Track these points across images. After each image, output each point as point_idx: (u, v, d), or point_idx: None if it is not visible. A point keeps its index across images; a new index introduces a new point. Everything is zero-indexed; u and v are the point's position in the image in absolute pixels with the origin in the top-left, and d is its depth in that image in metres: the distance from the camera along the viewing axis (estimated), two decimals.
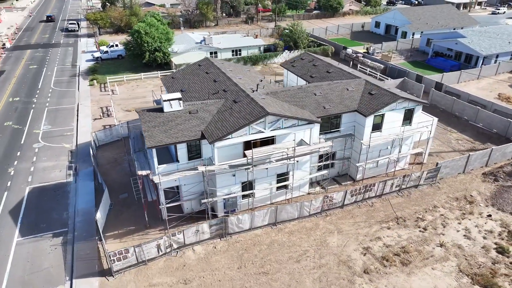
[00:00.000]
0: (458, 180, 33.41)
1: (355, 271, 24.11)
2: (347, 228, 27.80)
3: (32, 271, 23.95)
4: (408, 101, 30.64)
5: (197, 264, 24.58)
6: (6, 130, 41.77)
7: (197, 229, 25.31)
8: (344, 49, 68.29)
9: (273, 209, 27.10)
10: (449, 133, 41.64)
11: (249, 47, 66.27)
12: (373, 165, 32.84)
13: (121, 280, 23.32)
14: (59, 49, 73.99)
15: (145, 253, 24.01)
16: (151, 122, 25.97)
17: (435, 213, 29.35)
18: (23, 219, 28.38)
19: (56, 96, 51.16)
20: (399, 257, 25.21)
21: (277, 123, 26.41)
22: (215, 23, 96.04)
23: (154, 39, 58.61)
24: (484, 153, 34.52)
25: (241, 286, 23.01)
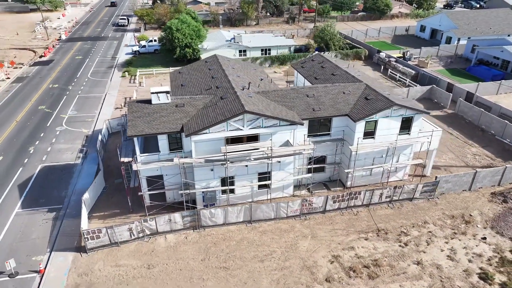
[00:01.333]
0: (461, 198, 31.03)
1: (316, 278, 23.58)
2: (322, 234, 27.16)
3: (21, 240, 26.49)
4: (406, 108, 29.05)
5: (165, 251, 25.56)
6: (38, 113, 46.04)
7: (169, 218, 26.29)
8: (378, 52, 65.72)
9: (247, 206, 27.28)
10: (468, 147, 38.63)
11: (278, 47, 66.26)
12: (366, 173, 31.63)
13: (93, 258, 24.99)
14: (105, 42, 79.53)
15: (118, 235, 25.47)
16: (137, 113, 27.39)
17: (423, 229, 27.61)
18: (28, 193, 31.34)
19: (89, 85, 55.25)
20: (368, 269, 24.18)
21: (256, 121, 26.53)
22: (256, 22, 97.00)
23: (185, 36, 60.85)
24: (496, 171, 31.68)
25: (198, 277, 23.59)
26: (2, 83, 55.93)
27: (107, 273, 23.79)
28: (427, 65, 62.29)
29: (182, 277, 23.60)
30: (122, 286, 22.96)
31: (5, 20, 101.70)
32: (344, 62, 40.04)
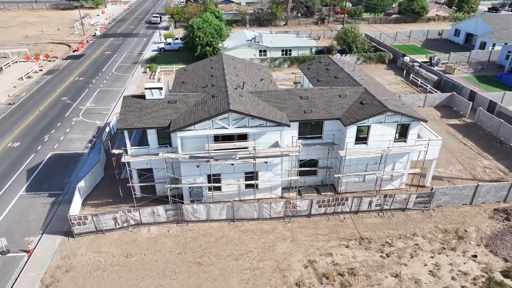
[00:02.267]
0: (459, 212, 29.40)
1: (287, 281, 23.37)
2: (303, 238, 26.82)
3: (18, 221, 28.41)
4: (401, 115, 27.95)
5: (145, 242, 26.39)
6: (60, 104, 48.89)
7: (152, 211, 27.10)
8: (403, 56, 63.35)
9: (229, 205, 27.51)
10: (480, 159, 36.43)
11: (299, 48, 65.77)
12: (359, 179, 30.79)
13: (78, 243, 26.31)
14: (135, 39, 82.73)
15: (103, 223, 26.63)
16: (130, 107, 28.44)
17: (410, 241, 26.48)
18: (34, 178, 33.47)
19: (111, 79, 57.81)
20: (342, 277, 23.62)
21: (242, 121, 26.67)
22: (284, 22, 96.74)
23: (206, 34, 61.98)
24: (501, 186, 29.69)
25: (171, 270, 24.15)
26: (34, 74, 59.90)
27: (88, 259, 24.97)
28: (454, 71, 59.26)
29: (156, 268, 24.27)
30: (99, 272, 24.02)
31: (51, 16, 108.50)
32: (351, 65, 39.07)
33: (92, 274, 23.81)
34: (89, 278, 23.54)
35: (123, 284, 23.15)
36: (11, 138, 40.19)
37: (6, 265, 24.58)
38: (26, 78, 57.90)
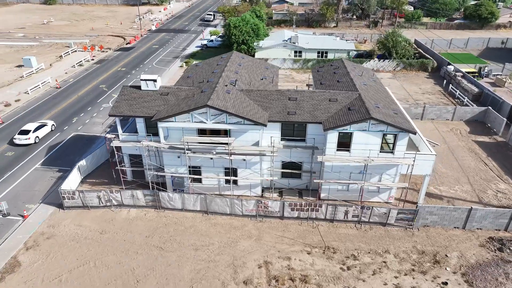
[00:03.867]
0: (447, 235, 27.03)
1: (236, 278, 23.63)
2: (268, 239, 26.73)
3: (25, 189, 32.13)
4: (386, 125, 26.41)
5: (122, 222, 28.33)
6: (97, 90, 53.60)
7: (132, 194, 28.95)
8: (448, 65, 58.67)
9: (202, 197, 28.36)
10: (496, 182, 32.90)
11: (336, 50, 64.10)
12: (342, 188, 29.71)
13: (66, 214, 29.10)
14: (184, 35, 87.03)
15: (89, 200, 29.12)
16: (125, 96, 30.58)
17: (378, 258, 25.06)
18: (51, 154, 37.42)
19: (149, 71, 61.69)
20: (292, 282, 23.24)
21: (220, 117, 27.31)
22: (335, 24, 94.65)
23: (242, 33, 63.29)
24: (500, 212, 26.69)
25: (134, 250, 25.70)
26: (86, 63, 66.17)
27: (68, 230, 27.56)
28: (504, 84, 53.59)
29: (122, 247, 26.02)
30: (73, 243, 26.41)
31: (118, 11, 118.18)
32: (363, 70, 37.45)
33: (66, 244, 26.29)
34: (62, 247, 26.02)
35: (89, 256, 25.23)
36: (46, 117, 45.15)
37: (3, 226, 28.10)
38: (78, 66, 64.25)
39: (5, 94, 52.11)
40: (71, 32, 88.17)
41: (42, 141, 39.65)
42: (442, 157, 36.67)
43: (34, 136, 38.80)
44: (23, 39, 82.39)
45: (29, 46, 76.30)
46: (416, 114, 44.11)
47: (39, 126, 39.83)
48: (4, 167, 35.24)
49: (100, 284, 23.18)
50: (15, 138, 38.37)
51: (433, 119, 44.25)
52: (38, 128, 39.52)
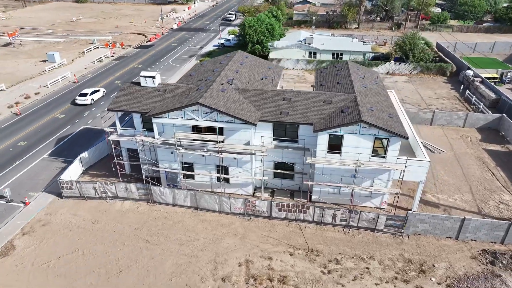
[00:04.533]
0: (438, 244, 26.14)
1: (215, 274, 23.88)
2: (253, 238, 26.80)
3: (30, 178, 33.72)
4: (377, 129, 25.84)
5: (114, 213, 29.22)
6: (112, 86, 55.32)
7: (126, 187, 29.79)
8: (467, 70, 56.46)
9: (192, 193, 28.80)
10: (500, 193, 31.47)
11: (352, 52, 63.05)
12: (334, 191, 29.33)
13: (63, 203, 30.34)
14: (204, 34, 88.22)
15: (85, 190, 30.23)
16: (125, 92, 31.49)
17: (361, 264, 24.60)
18: (59, 146, 39.04)
19: (165, 69, 63.08)
20: (270, 282, 23.23)
21: (211, 114, 27.64)
22: (356, 25, 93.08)
23: (256, 32, 63.50)
24: (495, 224, 25.54)
25: (122, 241, 26.47)
26: (106, 59, 68.42)
27: (63, 218, 28.73)
28: None
29: (111, 237, 26.86)
30: (66, 231, 27.52)
31: (145, 10, 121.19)
32: (364, 72, 36.72)
33: (60, 231, 27.43)
34: (56, 234, 27.18)
35: (78, 244, 26.22)
36: (60, 111, 47.15)
37: (5, 211, 29.64)
38: (98, 62, 66.55)
39: (27, 87, 54.78)
40: (96, 29, 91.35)
41: (52, 133, 41.39)
42: (446, 164, 35.44)
43: (90, 98, 48.45)
44: (51, 35, 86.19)
45: (55, 42, 79.78)
46: (425, 119, 42.81)
47: (94, 90, 49.80)
48: (15, 156, 37.12)
49: (85, 271, 24.05)
50: (76, 99, 48.27)
51: (443, 125, 42.77)
52: (93, 92, 49.28)
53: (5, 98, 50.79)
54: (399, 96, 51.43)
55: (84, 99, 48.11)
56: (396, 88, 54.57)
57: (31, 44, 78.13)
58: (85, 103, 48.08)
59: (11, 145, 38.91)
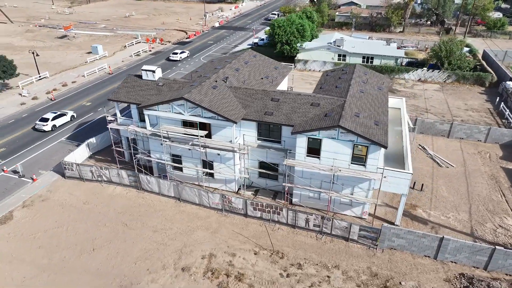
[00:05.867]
0: (413, 262, 24.65)
1: (177, 263, 24.70)
2: (224, 233, 27.23)
3: (45, 158, 37.01)
4: (356, 136, 24.91)
5: (105, 197, 31.22)
6: None
7: (118, 173, 31.67)
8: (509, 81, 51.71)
9: (175, 184, 29.86)
10: (504, 216, 28.76)
11: (383, 56, 60.58)
12: (314, 195, 28.76)
13: (65, 183, 33.00)
14: (242, 33, 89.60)
15: (83, 173, 32.63)
16: (128, 83, 33.40)
17: (324, 272, 23.96)
18: (77, 131, 42.29)
19: (194, 65, 65.14)
20: (226, 277, 23.56)
21: (196, 110, 28.46)
22: (401, 29, 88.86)
23: (286, 33, 63.34)
24: (476, 248, 23.51)
25: (103, 223, 28.27)
26: (143, 54, 72.41)
27: (59, 196, 31.31)
28: None
29: (95, 218, 28.80)
30: (59, 208, 29.99)
31: (194, 8, 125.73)
32: (370, 77, 35.26)
33: (54, 208, 29.96)
34: (50, 209, 29.75)
35: (65, 221, 28.48)
36: (89, 98, 50.98)
37: (15, 185, 32.95)
38: (135, 56, 70.65)
39: (67, 76, 59.83)
40: (144, 25, 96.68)
41: (76, 119, 44.93)
42: (451, 180, 33.05)
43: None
44: (103, 29, 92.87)
45: (104, 36, 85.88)
46: (442, 131, 40.10)
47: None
48: (38, 136, 40.92)
49: (63, 246, 26.12)
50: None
51: (462, 138, 39.76)
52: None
53: (47, 85, 55.95)
54: (424, 105, 48.76)
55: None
56: (424, 97, 51.62)
57: (83, 37, 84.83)
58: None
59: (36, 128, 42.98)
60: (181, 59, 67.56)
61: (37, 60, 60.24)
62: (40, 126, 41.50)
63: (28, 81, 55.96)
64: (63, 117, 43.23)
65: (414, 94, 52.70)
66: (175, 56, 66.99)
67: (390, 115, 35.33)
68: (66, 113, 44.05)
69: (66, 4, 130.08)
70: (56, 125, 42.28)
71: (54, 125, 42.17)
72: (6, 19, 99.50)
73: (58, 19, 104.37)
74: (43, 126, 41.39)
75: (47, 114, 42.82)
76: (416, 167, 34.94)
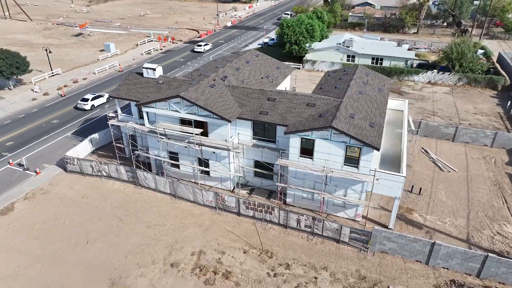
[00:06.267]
0: (403, 267, 24.26)
1: (167, 259, 25.01)
2: (216, 231, 27.40)
3: (50, 152, 37.98)
4: (349, 137, 24.67)
5: (103, 191, 31.85)
6: None
7: (116, 168, 32.27)
8: None
9: (170, 181, 30.22)
10: (504, 223, 27.99)
11: (392, 58, 59.66)
12: (307, 196, 28.63)
13: (67, 176, 33.82)
14: (253, 32, 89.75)
15: (84, 167, 33.37)
16: (128, 81, 33.98)
17: (311, 272, 23.86)
18: (83, 127, 43.24)
19: (203, 64, 65.69)
20: (213, 275, 23.73)
21: (192, 108, 28.73)
22: (415, 30, 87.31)
23: (295, 33, 63.14)
24: (468, 254, 22.98)
25: (99, 217, 28.85)
26: (154, 52, 73.43)
27: (60, 189, 32.11)
28: None
29: (91, 212, 29.43)
30: (58, 201, 30.75)
31: (208, 7, 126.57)
32: (371, 78, 34.81)
33: (53, 201, 30.76)
34: (50, 202, 30.55)
35: (63, 214, 29.19)
36: None
37: (20, 177, 33.96)
38: (146, 54, 71.70)
39: (78, 73, 61.24)
40: (158, 24, 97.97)
41: (84, 114, 45.98)
42: (452, 184, 32.36)
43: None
44: (117, 28, 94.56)
45: (118, 34, 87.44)
46: (446, 134, 39.25)
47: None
48: (46, 131, 42.07)
49: (58, 238, 26.81)
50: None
51: (467, 142, 38.82)
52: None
53: (58, 81, 57.41)
54: (431, 108, 47.86)
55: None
56: (432, 99, 50.63)
57: (98, 35, 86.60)
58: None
59: (45, 122, 44.14)
60: (204, 50, 73.09)
61: (52, 57, 61.95)
62: (81, 106, 47.04)
63: (40, 77, 57.56)
64: (101, 98, 48.58)
65: (423, 96, 51.74)
66: (199, 48, 72.89)
67: (392, 117, 34.97)
68: (103, 94, 49.41)
69: (84, 3, 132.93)
70: (94, 105, 47.67)
71: (93, 104, 47.57)
72: (26, 17, 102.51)
73: (76, 17, 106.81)
74: (84, 105, 46.92)
75: (87, 95, 48.55)
76: (417, 171, 34.39)
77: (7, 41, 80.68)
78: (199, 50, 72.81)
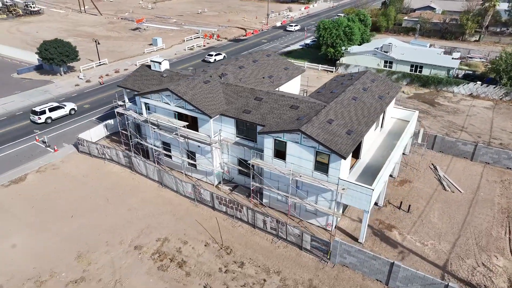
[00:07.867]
0: (360, 284, 23.02)
1: (134, 240, 26.50)
2: (187, 221, 28.27)
3: (72, 132, 41.74)
4: (318, 143, 23.88)
5: (103, 173, 34.43)
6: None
7: (116, 153, 34.65)
8: None
9: (157, 169, 31.71)
10: (497, 256, 25.07)
11: (433, 66, 55.50)
12: (281, 198, 28.23)
13: (77, 156, 37.11)
14: (300, 33, 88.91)
15: (91, 149, 36.33)
16: (138, 73, 36.20)
17: (262, 274, 23.64)
18: (106, 113, 46.80)
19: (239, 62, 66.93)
20: (169, 262, 24.69)
21: (180, 102, 29.89)
22: (476, 38, 79.94)
23: (331, 35, 61.63)
24: (428, 281, 21.03)
25: (90, 195, 31.34)
26: (197, 48, 76.46)
27: (67, 167, 35.37)
28: None
29: (86, 190, 32.05)
30: (62, 177, 33.93)
31: (265, 7, 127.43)
32: (375, 85, 32.91)
33: (59, 176, 34.03)
34: (55, 176, 33.87)
35: (61, 189, 32.18)
36: None
37: (40, 152, 38.01)
38: (189, 50, 74.96)
39: (123, 64, 66.13)
40: (210, 22, 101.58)
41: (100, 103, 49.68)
42: (450, 206, 29.65)
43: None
44: (172, 24, 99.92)
45: (170, 30, 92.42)
46: (464, 152, 35.84)
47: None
48: (76, 114, 46.34)
49: (49, 209, 29.69)
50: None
51: (488, 163, 35.06)
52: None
53: (103, 70, 62.61)
54: (461, 123, 44.04)
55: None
56: (467, 113, 46.37)
57: (152, 30, 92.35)
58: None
59: (78, 106, 48.51)
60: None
61: (106, 48, 67.99)
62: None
63: (89, 65, 63.27)
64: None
65: (457, 109, 47.57)
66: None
67: (396, 127, 33.01)
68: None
69: (151, 0, 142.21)
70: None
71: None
72: (98, 12, 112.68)
73: (141, 13, 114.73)
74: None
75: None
76: (415, 187, 32.04)
77: (76, 32, 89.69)
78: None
